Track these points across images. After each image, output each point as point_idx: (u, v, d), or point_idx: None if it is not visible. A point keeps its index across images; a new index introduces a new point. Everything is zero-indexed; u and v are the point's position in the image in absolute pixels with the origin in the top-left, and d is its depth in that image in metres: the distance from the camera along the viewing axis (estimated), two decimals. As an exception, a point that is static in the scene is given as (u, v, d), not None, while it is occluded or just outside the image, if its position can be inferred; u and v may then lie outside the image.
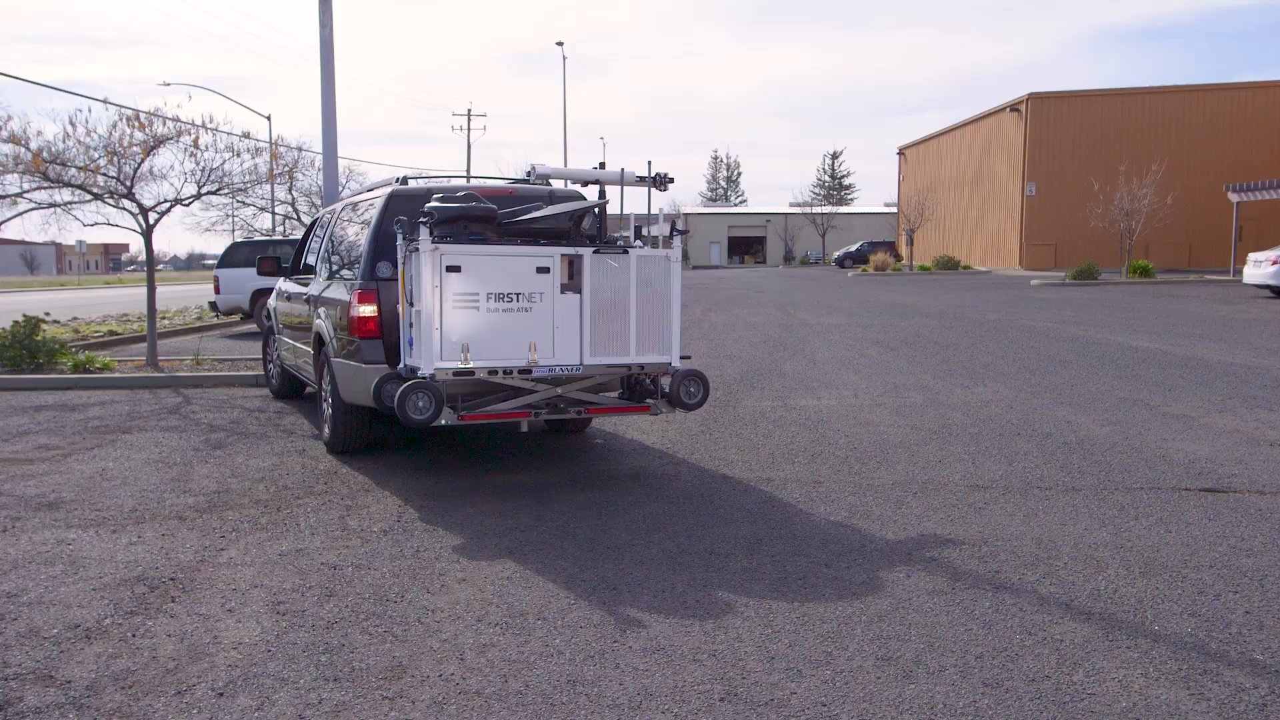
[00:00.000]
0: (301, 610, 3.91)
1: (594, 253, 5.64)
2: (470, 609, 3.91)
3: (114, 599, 4.05)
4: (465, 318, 5.37)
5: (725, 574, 4.30)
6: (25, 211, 12.59)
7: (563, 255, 5.58)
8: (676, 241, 5.90)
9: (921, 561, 4.43)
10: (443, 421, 5.35)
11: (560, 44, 59.37)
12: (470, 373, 5.42)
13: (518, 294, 5.46)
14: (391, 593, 4.11)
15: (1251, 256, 23.20)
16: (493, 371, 5.48)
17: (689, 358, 6.18)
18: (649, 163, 6.32)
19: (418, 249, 5.35)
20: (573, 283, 5.61)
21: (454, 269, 5.32)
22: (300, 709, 3.06)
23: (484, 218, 5.63)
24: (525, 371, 5.55)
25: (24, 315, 11.95)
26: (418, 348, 5.46)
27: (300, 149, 24.59)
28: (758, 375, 10.77)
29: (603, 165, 6.32)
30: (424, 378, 5.32)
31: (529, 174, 6.40)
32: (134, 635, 3.66)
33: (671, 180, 6.27)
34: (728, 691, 3.16)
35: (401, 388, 5.23)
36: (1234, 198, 33.70)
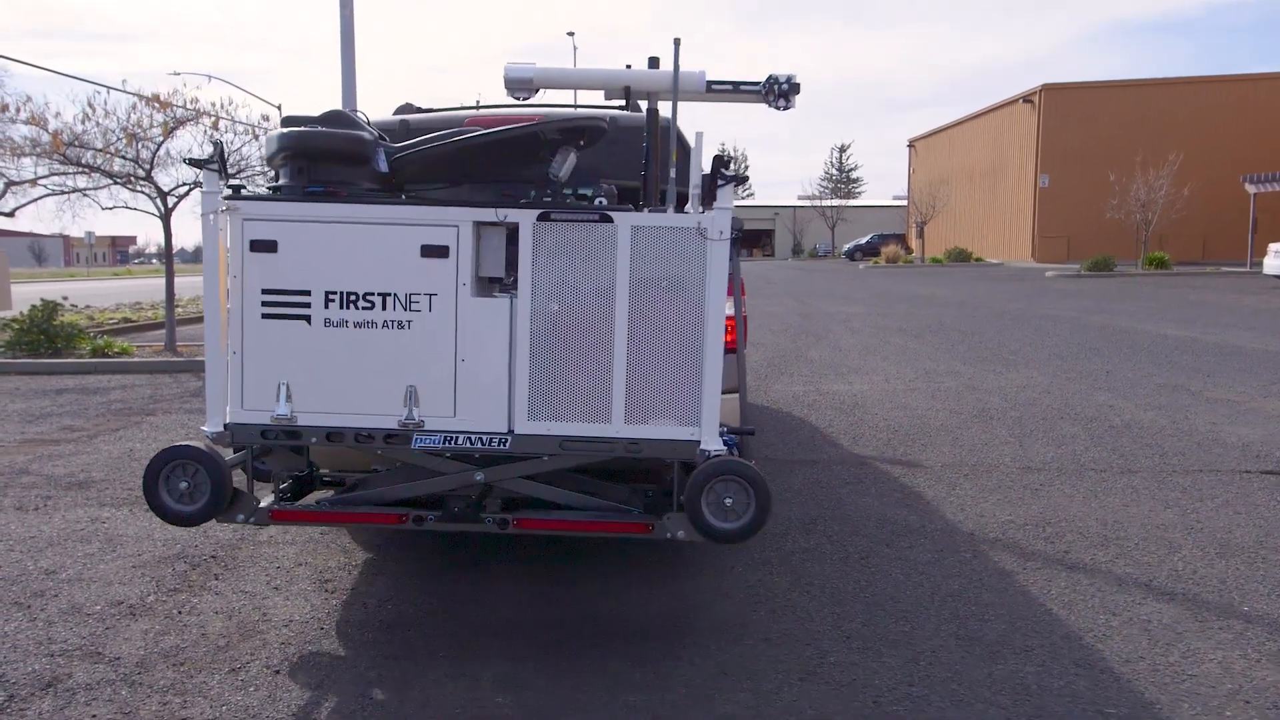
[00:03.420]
0: (350, 588, 3.78)
1: (540, 219, 3.02)
2: (526, 584, 3.77)
3: (155, 576, 3.92)
4: (284, 336, 3.08)
5: (784, 554, 4.15)
6: (42, 197, 12.50)
7: (477, 223, 3.05)
8: (724, 199, 3.02)
9: (986, 542, 4.28)
10: (240, 518, 3.20)
11: (571, 34, 58.90)
12: (294, 433, 3.11)
13: (384, 296, 3.06)
14: (440, 569, 3.98)
15: (1272, 247, 22.97)
16: (334, 434, 3.10)
17: (752, 432, 3.77)
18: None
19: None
20: (499, 280, 3.17)
21: (264, 246, 3.06)
22: (363, 687, 2.92)
23: (346, 155, 3.19)
24: (396, 438, 3.10)
25: (42, 299, 11.84)
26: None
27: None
28: (784, 361, 10.62)
29: (655, 63, 3.54)
30: (191, 444, 3.10)
31: (507, 82, 3.66)
32: (180, 612, 3.53)
33: (797, 89, 3.54)
34: (807, 671, 3.01)
35: (151, 460, 3.10)
36: (1251, 189, 33.39)
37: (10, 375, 10.18)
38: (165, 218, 11.70)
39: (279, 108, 39.06)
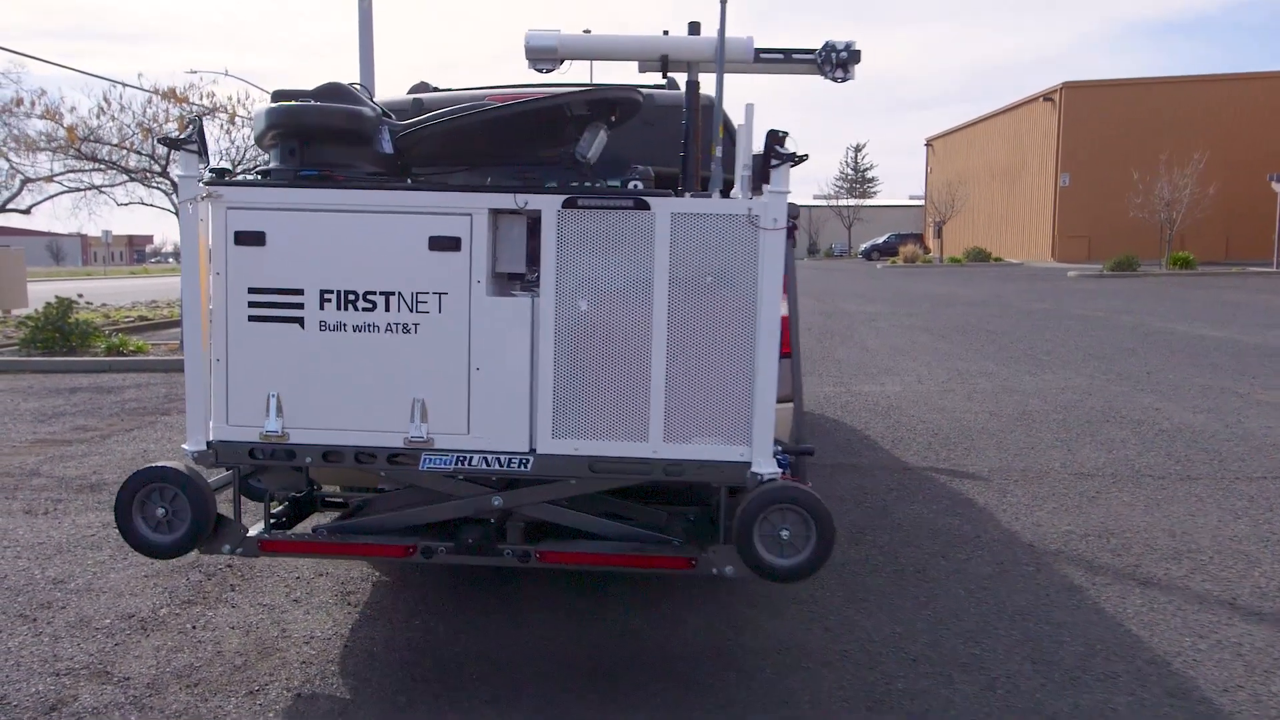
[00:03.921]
0: (375, 602, 3.55)
1: (566, 206, 2.62)
2: (559, 600, 3.53)
3: (168, 587, 3.70)
4: (274, 341, 2.71)
5: (834, 565, 3.90)
6: (58, 194, 12.38)
7: (493, 211, 2.67)
8: (778, 181, 2.59)
9: (1049, 554, 4.02)
10: (225, 549, 2.87)
11: (588, 31, 58.30)
12: (287, 453, 2.75)
13: (387, 295, 2.68)
14: (467, 581, 3.74)
15: (1303, 246, 22.50)
16: (331, 453, 2.74)
17: (811, 451, 3.15)
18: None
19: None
20: (519, 276, 2.80)
21: (250, 238, 2.70)
22: (391, 713, 2.69)
23: (344, 134, 2.83)
24: (402, 457, 2.73)
25: (56, 297, 11.70)
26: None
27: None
28: (812, 361, 10.35)
29: (696, 28, 3.18)
30: (169, 464, 2.77)
31: (528, 51, 3.26)
32: (194, 627, 3.31)
33: (857, 57, 3.10)
34: (875, 700, 2.76)
35: (123, 483, 2.78)
36: (1278, 187, 32.82)
37: (24, 373, 10.04)
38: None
39: (295, 106, 39.02)
